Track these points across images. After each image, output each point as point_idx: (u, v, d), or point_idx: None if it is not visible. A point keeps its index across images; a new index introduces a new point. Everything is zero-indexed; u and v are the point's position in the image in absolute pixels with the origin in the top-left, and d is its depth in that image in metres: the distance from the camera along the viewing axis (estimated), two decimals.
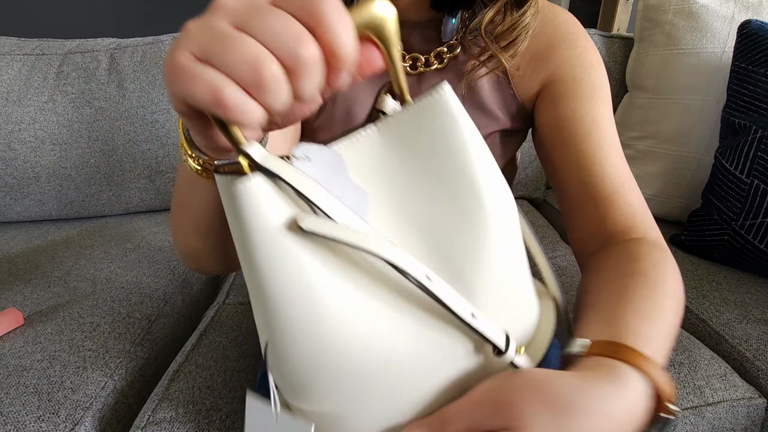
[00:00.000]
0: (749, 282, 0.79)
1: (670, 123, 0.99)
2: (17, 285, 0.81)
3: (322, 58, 0.20)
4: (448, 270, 0.28)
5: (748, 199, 0.79)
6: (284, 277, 0.24)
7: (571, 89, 0.49)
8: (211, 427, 0.53)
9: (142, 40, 1.08)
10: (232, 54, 0.19)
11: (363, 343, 0.26)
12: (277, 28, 0.19)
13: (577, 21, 0.51)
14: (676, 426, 0.56)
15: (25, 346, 0.64)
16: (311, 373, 0.26)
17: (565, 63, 0.49)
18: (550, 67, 0.50)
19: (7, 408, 0.55)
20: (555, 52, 0.49)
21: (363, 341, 0.26)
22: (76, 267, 0.87)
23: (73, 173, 1.06)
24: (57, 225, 1.09)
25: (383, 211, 0.28)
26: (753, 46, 0.84)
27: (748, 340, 0.66)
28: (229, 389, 0.58)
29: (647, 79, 1.03)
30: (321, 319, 0.25)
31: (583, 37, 0.50)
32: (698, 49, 0.96)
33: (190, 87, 0.20)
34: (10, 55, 1.03)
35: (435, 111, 0.29)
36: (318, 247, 0.25)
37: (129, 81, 1.04)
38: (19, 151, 1.02)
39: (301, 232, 0.24)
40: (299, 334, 0.25)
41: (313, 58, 0.20)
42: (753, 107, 0.83)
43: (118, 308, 0.74)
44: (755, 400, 0.58)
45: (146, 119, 1.05)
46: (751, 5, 0.96)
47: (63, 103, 1.02)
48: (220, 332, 0.69)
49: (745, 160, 0.81)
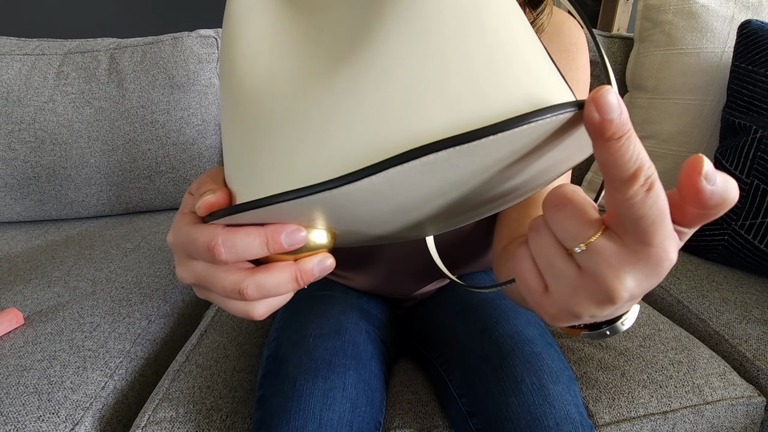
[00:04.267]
0: (749, 282, 0.79)
1: (670, 123, 0.99)
2: (17, 285, 0.81)
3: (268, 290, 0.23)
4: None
5: (748, 199, 0.80)
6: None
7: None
8: (211, 426, 0.53)
9: (142, 40, 1.08)
10: (214, 289, 0.24)
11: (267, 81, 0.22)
12: (223, 287, 0.23)
13: (580, 29, 0.52)
14: (676, 425, 0.56)
15: (25, 346, 0.64)
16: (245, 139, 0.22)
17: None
18: None
19: (7, 408, 0.55)
20: (556, 60, 0.50)
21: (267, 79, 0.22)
22: (76, 267, 0.87)
23: (73, 173, 1.06)
24: (57, 225, 1.09)
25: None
26: (753, 46, 0.84)
27: (748, 340, 0.66)
28: (229, 389, 0.58)
29: (647, 79, 1.03)
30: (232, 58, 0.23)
31: (581, 52, 0.52)
32: (698, 49, 0.96)
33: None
34: (10, 55, 1.03)
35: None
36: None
37: (129, 81, 1.04)
38: (19, 151, 1.02)
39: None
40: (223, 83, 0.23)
41: (253, 298, 0.23)
42: (753, 107, 0.83)
43: (118, 308, 0.74)
44: (754, 399, 0.58)
45: (146, 119, 1.05)
46: (751, 5, 0.96)
47: (63, 103, 1.02)
48: (220, 332, 0.69)
49: (745, 160, 0.81)
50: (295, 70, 0.21)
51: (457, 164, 0.19)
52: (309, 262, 0.23)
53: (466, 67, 0.19)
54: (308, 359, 0.50)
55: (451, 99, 0.19)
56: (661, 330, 0.66)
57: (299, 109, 0.20)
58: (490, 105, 0.18)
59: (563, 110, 0.17)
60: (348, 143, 0.19)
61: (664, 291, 0.79)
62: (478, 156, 0.18)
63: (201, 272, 0.23)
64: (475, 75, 0.19)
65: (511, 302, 0.58)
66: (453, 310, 0.60)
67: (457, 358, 0.54)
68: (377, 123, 0.19)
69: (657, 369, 0.59)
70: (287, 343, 0.53)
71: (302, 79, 0.21)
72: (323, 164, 0.19)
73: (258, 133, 0.21)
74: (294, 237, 0.21)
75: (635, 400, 0.56)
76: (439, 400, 0.57)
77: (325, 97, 0.20)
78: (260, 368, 0.54)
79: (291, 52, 0.22)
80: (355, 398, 0.48)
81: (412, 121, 0.18)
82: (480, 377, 0.50)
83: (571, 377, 0.49)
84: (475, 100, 0.18)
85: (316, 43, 0.22)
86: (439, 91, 0.19)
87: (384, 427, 0.54)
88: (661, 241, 0.18)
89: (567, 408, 0.45)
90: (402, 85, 0.19)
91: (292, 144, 0.20)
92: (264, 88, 0.21)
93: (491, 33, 0.20)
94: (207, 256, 0.22)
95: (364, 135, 0.19)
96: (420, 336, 0.64)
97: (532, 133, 0.18)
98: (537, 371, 0.47)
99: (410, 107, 0.19)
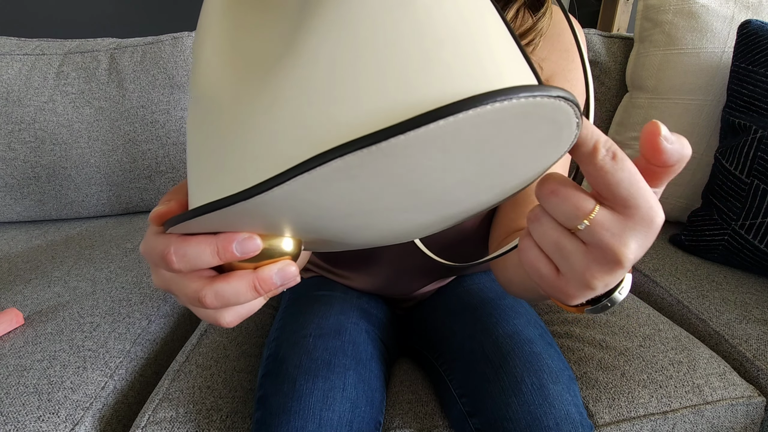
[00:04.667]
0: (749, 282, 0.79)
1: (670, 123, 0.99)
2: (17, 285, 0.81)
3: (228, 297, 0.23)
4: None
5: (748, 199, 0.80)
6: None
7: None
8: (211, 426, 0.53)
9: (142, 40, 1.08)
10: (179, 296, 0.24)
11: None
12: (186, 294, 0.23)
13: (580, 29, 0.52)
14: (676, 425, 0.56)
15: (25, 346, 0.64)
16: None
17: (559, 73, 0.52)
18: (547, 72, 0.52)
19: (7, 408, 0.55)
20: (556, 60, 0.51)
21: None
22: (76, 267, 0.87)
23: (73, 173, 1.06)
24: (57, 225, 1.09)
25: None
26: (753, 46, 0.84)
27: (748, 340, 0.66)
28: (229, 389, 0.58)
29: (647, 79, 1.03)
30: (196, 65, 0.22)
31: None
32: (698, 49, 0.96)
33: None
34: (10, 55, 1.03)
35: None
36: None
37: (129, 81, 1.04)
38: (19, 151, 1.02)
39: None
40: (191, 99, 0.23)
41: (212, 306, 0.23)
42: (753, 107, 0.83)
43: (118, 308, 0.74)
44: (754, 398, 0.58)
45: (146, 119, 1.05)
46: (751, 5, 0.96)
47: (63, 103, 1.02)
48: (220, 332, 0.69)
49: (745, 160, 0.81)
50: (237, 79, 0.21)
51: (370, 167, 0.17)
52: (268, 270, 0.22)
53: (389, 57, 0.17)
54: (308, 359, 0.50)
55: (372, 93, 0.17)
56: (661, 330, 0.66)
57: (233, 117, 0.20)
58: (416, 96, 0.17)
59: (491, 99, 0.15)
60: (268, 150, 0.18)
61: (664, 291, 0.79)
62: (394, 157, 0.17)
63: (167, 280, 0.24)
64: (399, 66, 0.17)
65: (511, 302, 0.58)
66: (453, 310, 0.60)
67: (457, 358, 0.54)
68: (295, 127, 0.18)
69: (657, 369, 0.59)
70: (287, 343, 0.53)
71: (241, 87, 0.20)
72: (248, 173, 0.18)
73: (203, 141, 0.21)
74: (246, 245, 0.21)
75: (635, 400, 0.56)
76: (439, 400, 0.57)
77: (253, 103, 0.19)
78: (260, 368, 0.54)
79: (239, 62, 0.22)
80: (355, 398, 0.48)
81: (328, 121, 0.17)
82: (480, 377, 0.50)
83: (571, 377, 0.49)
84: (399, 92, 0.17)
85: (258, 51, 0.21)
86: (358, 87, 0.17)
87: (384, 427, 0.54)
88: (646, 200, 0.20)
89: (567, 408, 0.45)
90: (320, 84, 0.18)
91: (224, 153, 0.19)
92: (212, 96, 0.21)
93: (423, 17, 0.18)
94: (163, 265, 0.22)
95: (284, 140, 0.18)
96: (420, 336, 0.64)
97: (452, 129, 0.16)
98: (537, 371, 0.47)
99: (328, 106, 0.17)
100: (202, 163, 0.20)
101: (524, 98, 0.16)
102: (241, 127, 0.19)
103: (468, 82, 0.17)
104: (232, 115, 0.19)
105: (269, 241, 0.22)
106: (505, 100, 0.15)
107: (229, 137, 0.19)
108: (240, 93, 0.20)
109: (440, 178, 0.20)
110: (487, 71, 0.17)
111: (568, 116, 0.18)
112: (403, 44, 0.17)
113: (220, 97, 0.20)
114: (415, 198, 0.21)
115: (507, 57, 0.19)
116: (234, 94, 0.20)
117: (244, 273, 0.22)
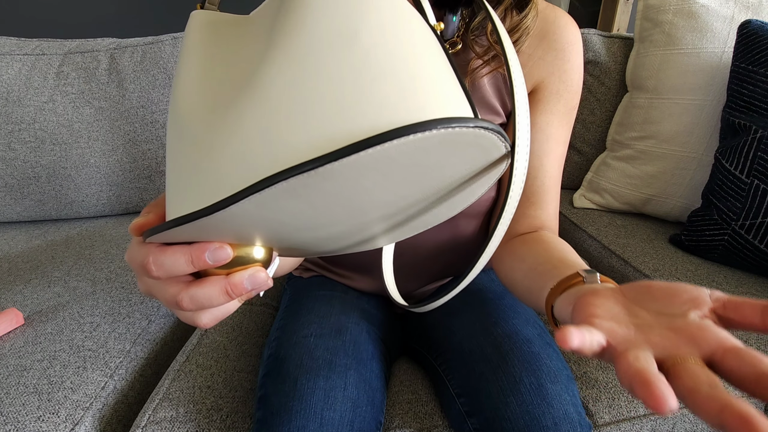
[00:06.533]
0: (749, 282, 0.80)
1: (670, 123, 0.99)
2: (17, 285, 0.81)
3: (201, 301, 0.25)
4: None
5: (748, 199, 0.80)
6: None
7: (551, 102, 0.52)
8: (211, 426, 0.53)
9: (142, 40, 1.08)
10: (160, 300, 0.26)
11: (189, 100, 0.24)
12: (165, 298, 0.25)
13: (576, 27, 0.52)
14: (676, 424, 0.56)
15: (25, 346, 0.64)
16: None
17: (554, 73, 0.52)
18: (543, 72, 0.52)
19: (7, 408, 0.55)
20: (551, 60, 0.51)
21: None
22: (76, 267, 0.87)
23: (74, 173, 1.06)
24: (57, 225, 1.09)
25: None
26: (753, 46, 0.84)
27: (748, 340, 0.66)
28: (229, 389, 0.58)
29: (647, 79, 1.03)
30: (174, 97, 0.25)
31: (576, 52, 0.52)
32: (698, 49, 0.96)
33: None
34: (10, 55, 1.03)
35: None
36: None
37: (129, 81, 1.04)
38: (19, 151, 1.02)
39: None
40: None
41: (189, 308, 0.25)
42: (753, 107, 0.83)
43: (118, 308, 0.74)
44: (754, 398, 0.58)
45: (146, 119, 1.05)
46: (751, 5, 0.96)
47: (63, 103, 1.02)
48: (220, 332, 0.69)
49: (745, 160, 0.81)
50: (207, 107, 0.23)
51: (314, 188, 0.19)
52: (239, 276, 0.24)
53: (332, 91, 0.20)
54: (309, 359, 0.50)
55: (316, 123, 0.19)
56: None
57: (202, 141, 0.22)
58: (353, 126, 0.19)
59: (413, 131, 0.18)
60: (228, 172, 0.20)
61: None
62: (333, 180, 0.19)
63: (149, 285, 0.26)
64: (340, 99, 0.19)
65: (510, 302, 0.58)
66: (452, 309, 0.60)
67: (456, 358, 0.54)
68: (251, 152, 0.20)
69: None
70: (288, 343, 0.53)
71: (210, 115, 0.22)
72: (212, 192, 0.21)
73: (177, 160, 0.23)
74: (217, 254, 0.23)
75: (635, 399, 0.56)
76: (439, 399, 0.57)
77: (218, 130, 0.21)
78: (261, 368, 0.54)
79: (210, 90, 0.24)
80: (356, 398, 0.48)
81: (279, 147, 0.19)
82: (478, 377, 0.50)
83: (569, 377, 0.49)
84: (340, 122, 0.19)
85: (227, 80, 0.24)
86: (305, 118, 0.19)
87: (384, 426, 0.54)
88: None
89: (565, 408, 0.45)
90: (272, 115, 0.20)
91: (194, 173, 0.22)
92: (186, 120, 0.23)
93: (362, 55, 0.20)
94: (143, 272, 0.24)
95: (241, 164, 0.20)
96: (419, 335, 0.64)
97: (385, 155, 0.18)
98: (535, 371, 0.47)
99: (279, 134, 0.20)
100: (176, 180, 0.22)
101: (444, 129, 0.18)
102: (208, 151, 0.21)
103: (400, 113, 0.19)
104: (201, 139, 0.22)
105: (241, 249, 0.24)
106: (426, 130, 0.18)
107: (198, 159, 0.21)
108: (208, 120, 0.22)
109: (382, 196, 0.22)
110: (419, 103, 0.20)
111: (491, 140, 0.21)
112: (345, 79, 0.20)
113: (193, 122, 0.23)
114: (363, 214, 0.24)
115: (440, 90, 0.21)
116: (204, 120, 0.22)
117: (217, 279, 0.24)
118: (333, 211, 0.22)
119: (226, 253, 0.23)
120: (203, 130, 0.22)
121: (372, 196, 0.22)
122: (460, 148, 0.20)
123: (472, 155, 0.22)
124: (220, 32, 0.26)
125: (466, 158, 0.22)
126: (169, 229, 0.21)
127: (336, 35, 0.20)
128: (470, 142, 0.20)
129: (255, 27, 0.25)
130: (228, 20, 0.27)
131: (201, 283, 0.24)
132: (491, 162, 0.23)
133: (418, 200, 0.25)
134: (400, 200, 0.24)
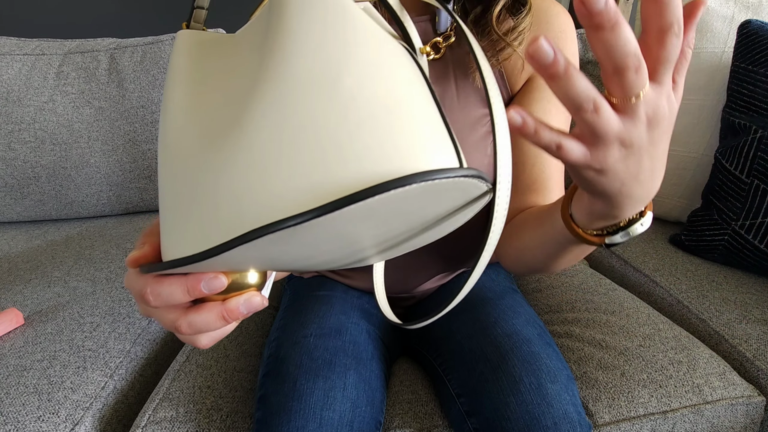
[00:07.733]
0: (749, 282, 0.80)
1: None
2: (17, 285, 0.81)
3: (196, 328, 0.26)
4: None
5: (748, 199, 0.80)
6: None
7: (546, 90, 0.52)
8: (211, 426, 0.53)
9: (142, 40, 1.08)
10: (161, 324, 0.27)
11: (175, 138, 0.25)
12: (164, 323, 0.27)
13: (568, 16, 0.52)
14: (676, 424, 0.56)
15: (25, 346, 0.64)
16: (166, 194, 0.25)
17: None
18: None
19: (7, 408, 0.55)
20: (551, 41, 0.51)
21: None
22: (76, 267, 0.87)
23: (73, 173, 1.06)
24: (57, 225, 1.09)
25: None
26: (753, 46, 0.84)
27: (748, 340, 0.66)
28: (229, 389, 0.58)
29: None
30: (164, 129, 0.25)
31: (570, 39, 0.52)
32: (698, 49, 0.96)
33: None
34: (10, 55, 1.03)
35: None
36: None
37: (129, 81, 1.04)
38: (19, 151, 1.02)
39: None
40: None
41: (187, 333, 0.26)
42: (753, 107, 0.83)
43: (118, 308, 0.74)
44: (754, 398, 0.58)
45: (146, 119, 1.05)
46: (751, 5, 0.96)
47: (63, 103, 1.02)
48: None
49: (745, 160, 0.81)
50: (198, 135, 0.24)
51: (301, 235, 0.20)
52: (235, 302, 0.25)
53: (316, 139, 0.20)
54: (309, 359, 0.50)
55: (301, 171, 0.20)
56: (661, 330, 0.66)
57: (193, 180, 0.22)
58: (336, 177, 0.20)
59: (394, 186, 0.18)
60: (217, 217, 0.21)
61: (664, 291, 0.80)
62: (319, 228, 0.20)
63: (149, 311, 0.27)
64: (323, 147, 0.20)
65: (510, 302, 0.58)
66: (452, 309, 0.60)
67: (456, 358, 0.54)
68: (238, 199, 0.21)
69: (657, 369, 0.59)
70: (288, 343, 0.53)
71: (200, 153, 0.23)
72: (204, 235, 0.21)
73: (170, 193, 0.24)
74: (212, 284, 0.24)
75: (635, 399, 0.56)
76: (439, 399, 0.57)
77: (208, 171, 0.22)
78: (261, 368, 0.54)
79: (199, 122, 0.24)
80: (355, 398, 0.48)
81: (267, 196, 0.20)
82: (478, 377, 0.50)
83: (569, 377, 0.49)
84: (322, 171, 0.20)
85: (217, 112, 0.24)
86: (291, 166, 0.20)
87: (384, 426, 0.54)
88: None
89: (565, 407, 0.45)
90: (261, 160, 0.21)
91: (184, 210, 0.22)
92: (177, 152, 0.24)
93: (345, 100, 0.20)
94: (141, 301, 0.25)
95: (231, 210, 0.21)
96: (419, 335, 0.64)
97: (366, 207, 0.19)
98: (535, 371, 0.47)
99: (266, 182, 0.20)
100: (170, 217, 0.23)
101: (425, 182, 0.19)
102: (201, 195, 0.22)
103: (382, 164, 0.20)
104: (193, 180, 0.22)
105: (235, 276, 0.25)
106: (406, 185, 0.18)
107: (190, 201, 0.22)
108: (199, 160, 0.22)
109: (369, 232, 0.23)
110: (400, 153, 0.20)
111: (471, 184, 0.21)
112: (328, 127, 0.20)
113: (184, 159, 0.23)
114: (352, 245, 0.25)
115: (422, 135, 0.21)
116: (195, 158, 0.23)
117: (214, 305, 0.25)
118: (323, 246, 0.24)
119: (221, 283, 0.24)
120: (195, 170, 0.22)
121: (359, 234, 0.23)
122: (441, 194, 0.21)
123: (453, 197, 0.23)
124: (207, 54, 0.27)
125: (448, 200, 0.23)
126: (164, 270, 0.23)
127: (319, 74, 0.21)
128: (450, 188, 0.21)
129: (242, 50, 0.26)
130: (214, 40, 0.28)
131: (198, 310, 0.25)
132: (473, 198, 0.24)
133: (404, 232, 0.26)
134: (387, 233, 0.25)
